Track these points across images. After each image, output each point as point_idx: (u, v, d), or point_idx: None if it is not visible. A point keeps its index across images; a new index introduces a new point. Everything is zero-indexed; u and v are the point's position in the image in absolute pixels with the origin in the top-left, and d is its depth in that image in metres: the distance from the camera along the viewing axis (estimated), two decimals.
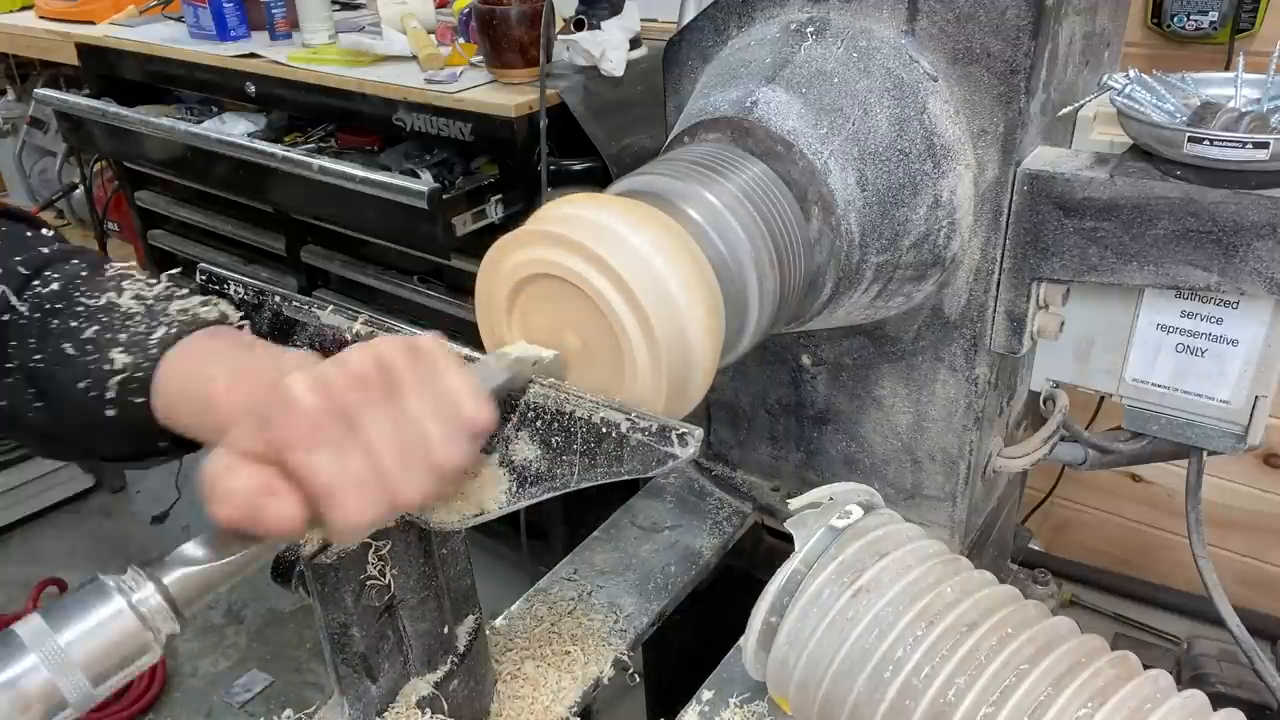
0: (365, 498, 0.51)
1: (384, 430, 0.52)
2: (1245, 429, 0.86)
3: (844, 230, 0.75)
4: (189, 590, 0.49)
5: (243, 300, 0.74)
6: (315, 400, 0.51)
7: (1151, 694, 0.65)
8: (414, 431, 0.53)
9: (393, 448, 0.52)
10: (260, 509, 0.50)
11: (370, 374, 0.53)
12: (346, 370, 0.52)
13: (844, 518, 0.78)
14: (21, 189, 3.03)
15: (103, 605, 0.47)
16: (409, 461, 0.52)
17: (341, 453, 0.51)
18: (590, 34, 1.61)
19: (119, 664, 0.47)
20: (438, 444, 0.53)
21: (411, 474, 0.52)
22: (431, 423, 0.53)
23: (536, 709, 0.83)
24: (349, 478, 0.51)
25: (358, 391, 0.52)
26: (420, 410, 0.53)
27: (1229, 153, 0.70)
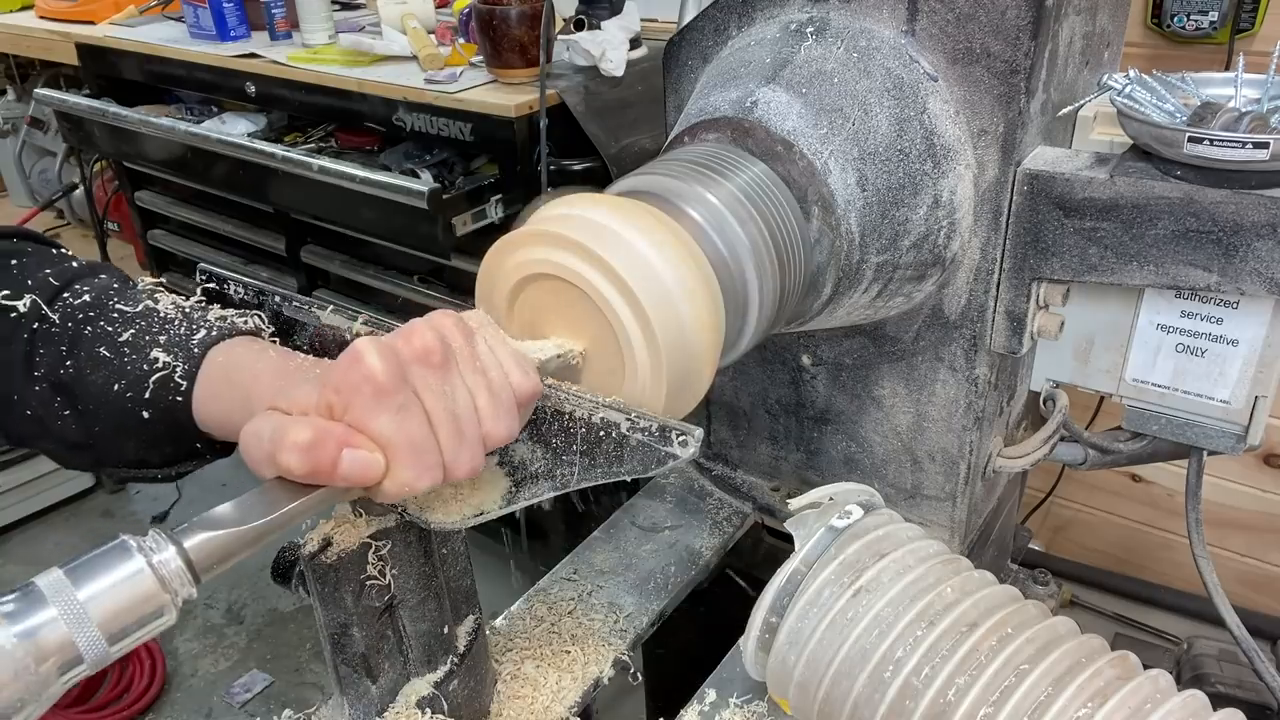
0: (422, 463, 0.53)
1: (443, 403, 0.54)
2: (1245, 429, 0.86)
3: (844, 230, 0.75)
4: (209, 555, 0.50)
5: (243, 300, 0.74)
6: (384, 366, 0.52)
7: (1151, 694, 0.65)
8: (469, 404, 0.55)
9: (449, 419, 0.54)
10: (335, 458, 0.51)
11: (433, 347, 0.54)
12: (410, 342, 0.54)
13: (844, 518, 0.78)
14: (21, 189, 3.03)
15: (123, 564, 0.47)
16: (464, 432, 0.55)
17: (403, 419, 0.53)
18: (590, 34, 1.61)
19: (135, 624, 0.47)
20: (489, 417, 0.56)
21: (465, 446, 0.55)
22: (484, 396, 0.56)
23: (536, 709, 0.83)
24: (409, 442, 0.53)
25: (420, 362, 0.54)
26: (475, 384, 0.56)
27: (1229, 153, 0.70)
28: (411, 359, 0.54)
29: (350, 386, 0.53)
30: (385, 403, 0.52)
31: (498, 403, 0.56)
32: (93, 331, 0.67)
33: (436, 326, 0.56)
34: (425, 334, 0.55)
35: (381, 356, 0.53)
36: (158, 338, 0.66)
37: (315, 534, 0.67)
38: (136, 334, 0.66)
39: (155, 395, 0.64)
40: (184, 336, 0.66)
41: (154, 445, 0.68)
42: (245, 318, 0.70)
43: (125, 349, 0.66)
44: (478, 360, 0.56)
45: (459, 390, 0.55)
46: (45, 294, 0.68)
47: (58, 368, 0.66)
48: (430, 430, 0.54)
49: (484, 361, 0.57)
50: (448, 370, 0.55)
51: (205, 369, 0.64)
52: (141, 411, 0.65)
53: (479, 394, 0.56)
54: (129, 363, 0.65)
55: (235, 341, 0.66)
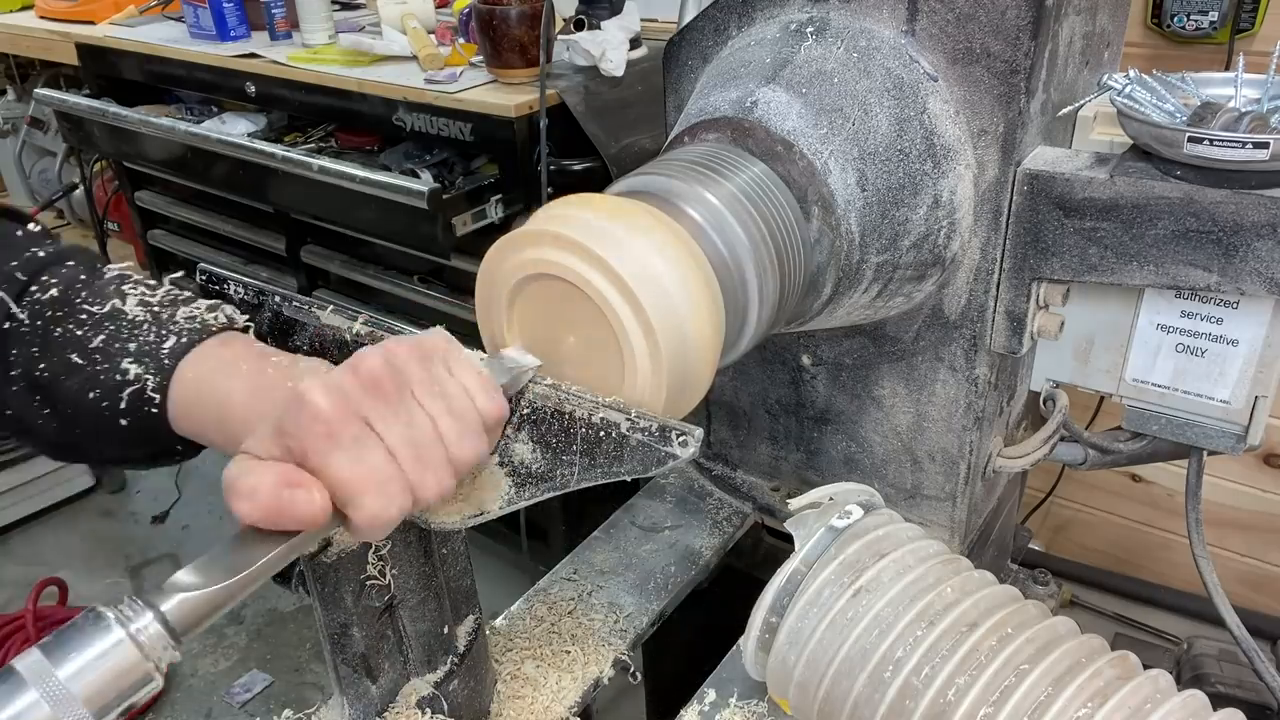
0: (386, 496, 0.53)
1: (400, 430, 0.53)
2: (1245, 429, 0.86)
3: (844, 230, 0.75)
4: (187, 617, 0.49)
5: (243, 300, 0.74)
6: (331, 404, 0.52)
7: (1151, 694, 0.65)
8: (429, 430, 0.54)
9: (409, 447, 0.53)
10: (285, 500, 0.51)
11: (383, 376, 0.54)
12: (359, 374, 0.54)
13: (844, 518, 0.78)
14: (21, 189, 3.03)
15: (101, 637, 0.46)
16: (427, 459, 0.54)
17: (360, 453, 0.52)
18: (590, 34, 1.61)
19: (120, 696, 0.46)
20: (453, 440, 0.55)
21: (430, 471, 0.54)
22: (446, 420, 0.55)
23: (536, 709, 0.83)
24: (369, 477, 0.52)
25: (372, 394, 0.53)
26: (434, 408, 0.55)
27: (1229, 153, 0.70)
28: (360, 391, 0.53)
29: (301, 429, 0.52)
30: (336, 440, 0.52)
31: (462, 424, 0.55)
32: (62, 334, 0.65)
33: (387, 354, 0.55)
34: (373, 363, 0.54)
35: (327, 394, 0.52)
36: (127, 345, 0.64)
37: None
38: (106, 339, 0.65)
39: (130, 405, 0.64)
40: (154, 344, 0.64)
41: (134, 446, 0.67)
42: (216, 312, 0.68)
43: (96, 356, 0.64)
44: (435, 384, 0.55)
45: (417, 415, 0.54)
46: (12, 289, 0.66)
47: (32, 369, 0.65)
48: (390, 459, 0.53)
49: (442, 385, 0.56)
50: (401, 397, 0.54)
51: (177, 383, 0.63)
52: (118, 419, 0.64)
53: (440, 418, 0.55)
54: (101, 371, 0.64)
55: (206, 349, 0.65)
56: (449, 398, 0.55)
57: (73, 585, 2.16)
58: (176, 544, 2.49)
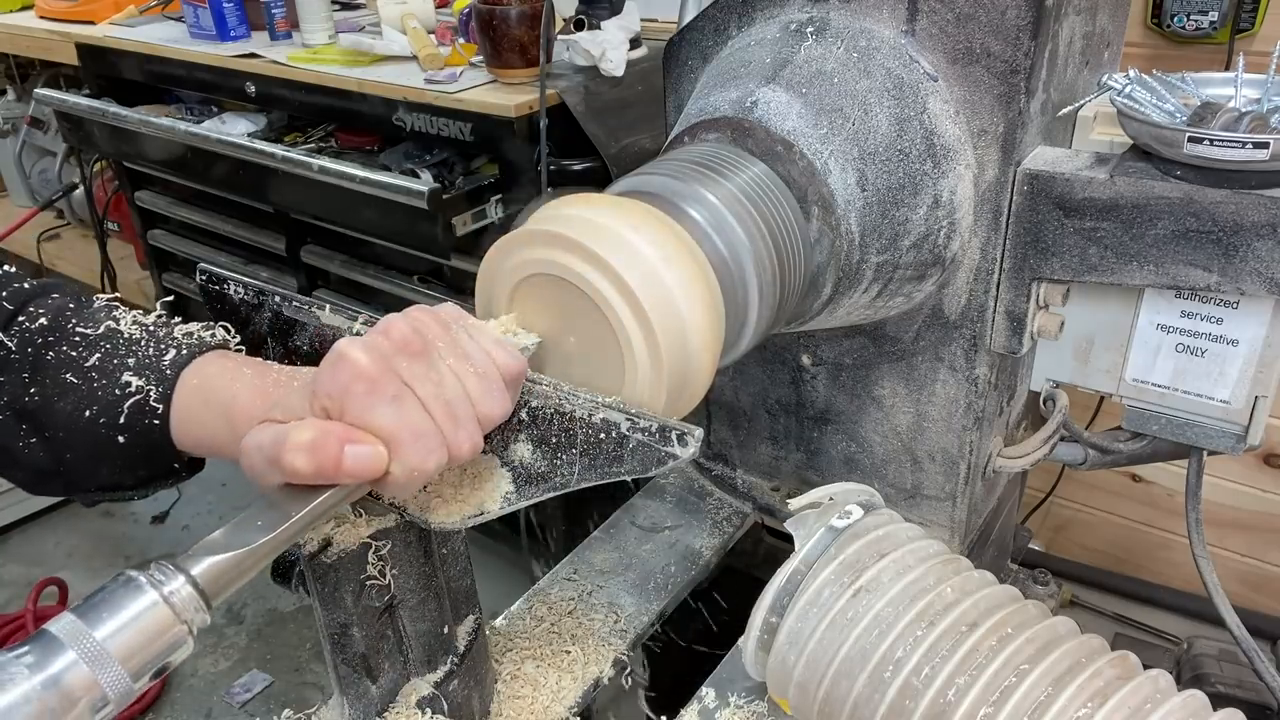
0: (425, 446, 0.54)
1: (432, 388, 0.55)
2: (1245, 429, 0.86)
3: (844, 230, 0.75)
4: (218, 579, 0.50)
5: (243, 300, 0.74)
6: (370, 361, 0.54)
7: (1151, 694, 0.65)
8: (458, 388, 0.56)
9: (442, 402, 0.55)
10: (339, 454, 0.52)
11: (412, 338, 0.56)
12: (391, 336, 0.55)
13: (844, 518, 0.78)
14: (21, 189, 3.03)
15: (135, 599, 0.47)
16: (459, 415, 0.56)
17: (400, 408, 0.54)
18: (590, 34, 1.61)
19: (156, 657, 0.47)
20: (480, 397, 0.57)
21: (461, 427, 0.56)
22: (472, 378, 0.57)
23: (536, 709, 0.83)
24: (410, 429, 0.54)
25: (404, 354, 0.55)
26: (460, 368, 0.57)
27: (1229, 153, 0.70)
28: (394, 350, 0.55)
29: (341, 387, 0.54)
30: (379, 395, 0.54)
31: (487, 383, 0.57)
32: (55, 357, 0.65)
33: (412, 319, 0.57)
34: (402, 326, 0.56)
35: (366, 352, 0.54)
36: (126, 360, 0.65)
37: (315, 534, 0.66)
38: (103, 357, 0.65)
39: (130, 419, 0.63)
40: (154, 357, 0.65)
41: (129, 468, 0.67)
42: (211, 331, 0.69)
43: (93, 374, 0.64)
44: (458, 346, 0.58)
45: (446, 375, 0.56)
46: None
47: (21, 396, 0.65)
48: (427, 415, 0.55)
49: (465, 347, 0.58)
50: (430, 358, 0.56)
51: (180, 390, 0.64)
52: (117, 436, 0.64)
53: (466, 378, 0.57)
54: (99, 388, 0.64)
55: (206, 359, 0.66)
56: (472, 358, 0.58)
57: (73, 585, 2.16)
58: (176, 544, 2.49)
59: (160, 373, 0.64)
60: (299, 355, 0.73)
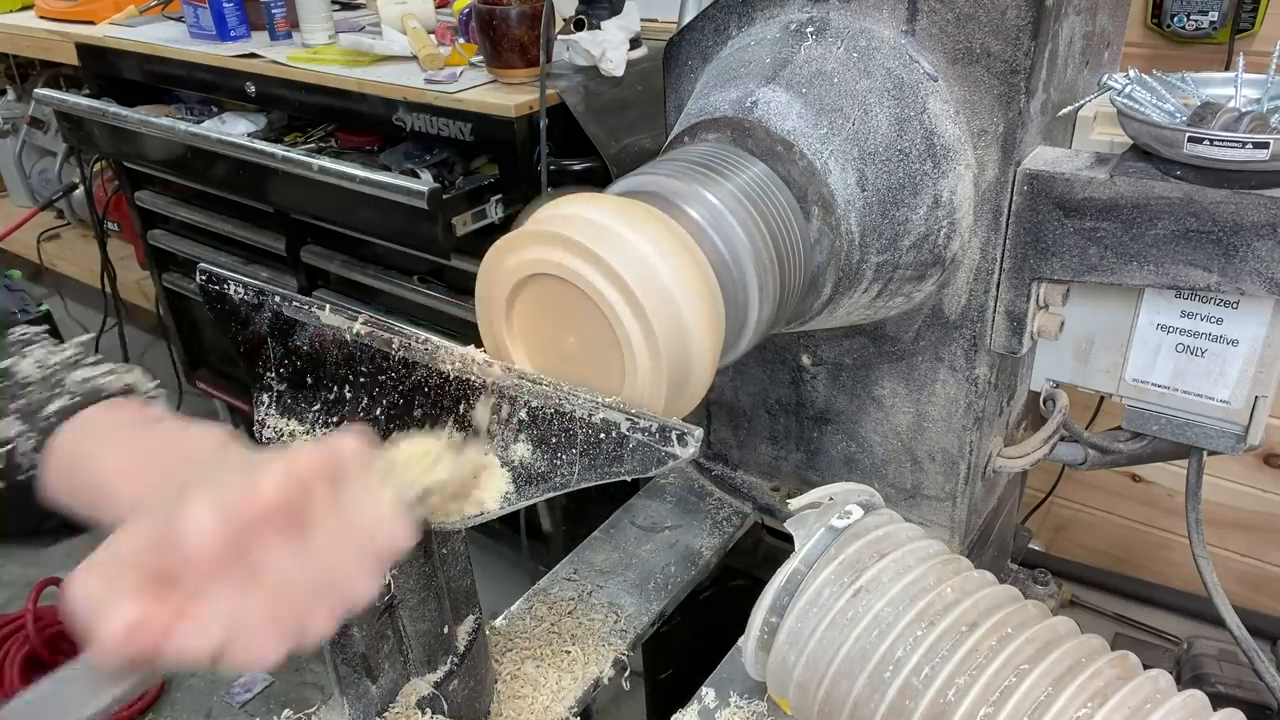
0: (269, 639, 0.47)
1: (293, 569, 0.48)
2: (1245, 429, 0.86)
3: (844, 230, 0.75)
4: None
5: (243, 300, 0.74)
6: (218, 540, 0.46)
7: (1151, 694, 0.65)
8: (326, 567, 0.49)
9: (302, 586, 0.48)
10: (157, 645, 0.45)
11: (284, 506, 0.48)
12: (256, 501, 0.47)
13: (844, 518, 0.78)
14: (21, 189, 3.03)
15: None
16: (318, 598, 0.49)
17: (245, 592, 0.46)
18: (590, 34, 1.61)
19: None
20: (352, 577, 0.50)
21: (321, 609, 0.49)
22: (346, 556, 0.49)
23: (536, 709, 0.83)
24: (253, 619, 0.47)
25: (269, 526, 0.47)
26: (334, 541, 0.49)
27: (1229, 153, 0.70)
28: (258, 519, 0.47)
29: (180, 558, 0.46)
30: (220, 578, 0.46)
31: (363, 564, 0.50)
32: None
33: (292, 474, 0.48)
34: (274, 487, 0.47)
35: (216, 527, 0.45)
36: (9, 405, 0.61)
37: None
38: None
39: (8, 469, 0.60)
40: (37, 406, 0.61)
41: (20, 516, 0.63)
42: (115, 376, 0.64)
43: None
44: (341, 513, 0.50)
45: (316, 550, 0.48)
46: None
47: None
48: (278, 601, 0.47)
49: (349, 514, 0.50)
50: (302, 526, 0.48)
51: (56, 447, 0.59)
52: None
53: (342, 554, 0.49)
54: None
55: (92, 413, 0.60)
56: (351, 527, 0.50)
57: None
58: None
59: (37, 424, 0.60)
60: (299, 355, 0.73)
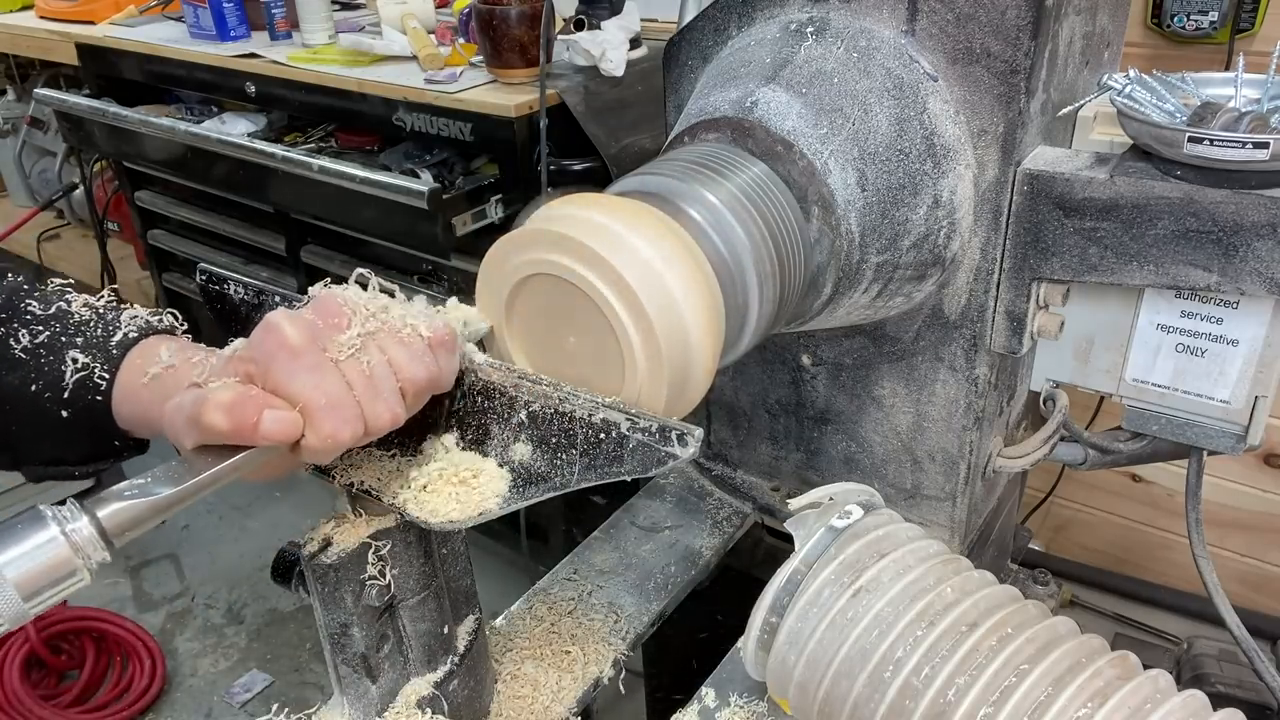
0: (340, 417, 0.56)
1: (354, 360, 0.58)
2: (1245, 429, 0.86)
3: (844, 230, 0.75)
4: (122, 523, 0.53)
5: (243, 300, 0.74)
6: (296, 331, 0.57)
7: (1151, 694, 0.65)
8: (380, 359, 0.58)
9: (363, 373, 0.57)
10: (256, 416, 0.54)
11: (338, 313, 0.59)
12: (318, 311, 0.59)
13: (844, 518, 0.78)
14: (21, 189, 3.03)
15: (39, 531, 0.51)
16: (379, 385, 0.58)
17: (320, 378, 0.56)
18: (590, 34, 1.61)
19: (49, 585, 0.51)
20: (404, 365, 0.59)
21: (381, 397, 0.58)
22: (396, 348, 0.59)
23: (536, 709, 0.83)
24: (327, 399, 0.56)
25: (330, 327, 0.58)
26: (385, 340, 0.59)
27: (1229, 153, 0.70)
28: (320, 324, 0.58)
29: (266, 354, 0.56)
30: (300, 364, 0.56)
31: (409, 350, 0.59)
32: (5, 333, 0.68)
33: (341, 296, 0.61)
34: (330, 302, 0.60)
35: (293, 323, 0.57)
36: (74, 339, 0.68)
37: (315, 534, 0.67)
38: (52, 336, 0.68)
39: (74, 395, 0.66)
40: (101, 338, 0.68)
41: (71, 444, 0.69)
42: (160, 316, 0.71)
43: (41, 350, 0.67)
44: (384, 319, 0.60)
45: (369, 348, 0.58)
46: None
47: None
48: (345, 386, 0.57)
49: (389, 320, 0.60)
50: (355, 331, 0.59)
51: (124, 368, 0.67)
52: (60, 411, 0.67)
53: (389, 348, 0.59)
54: (46, 364, 0.67)
55: (151, 341, 0.68)
56: (395, 330, 0.60)
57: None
58: (176, 544, 2.49)
59: (107, 351, 0.67)
60: None
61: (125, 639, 2.10)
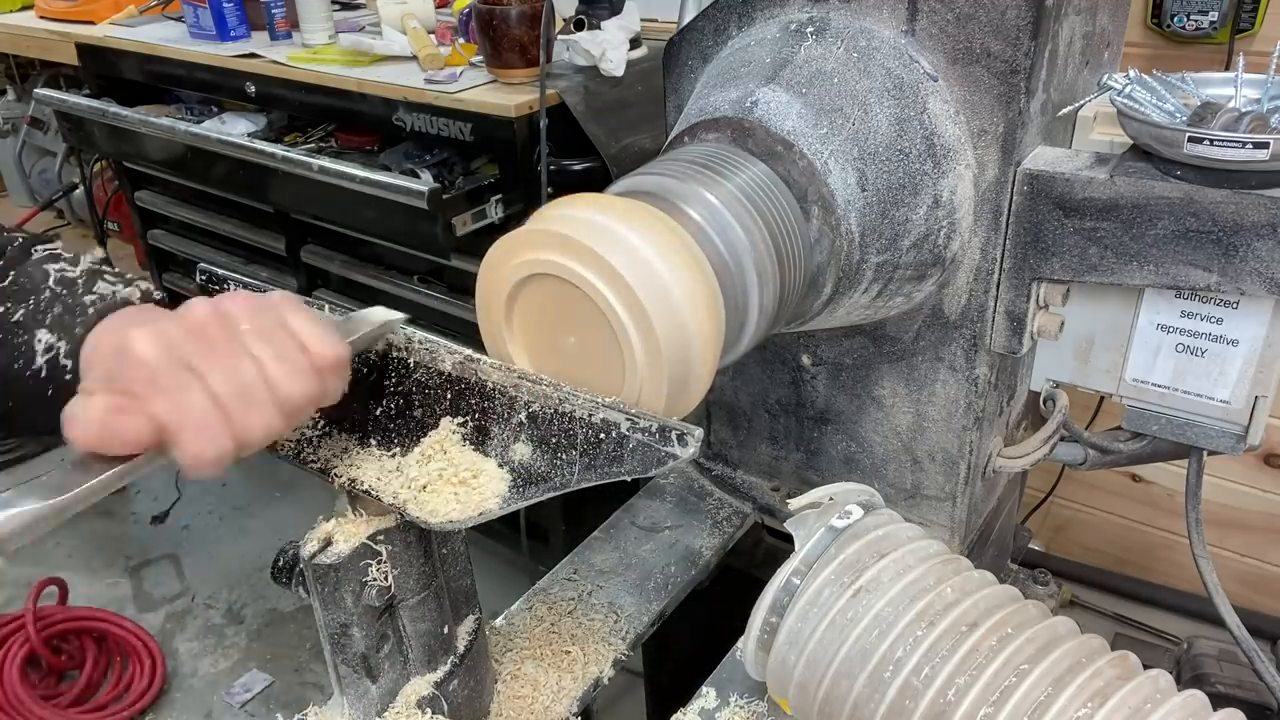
0: (206, 436, 0.56)
1: (222, 375, 0.56)
2: (1245, 429, 0.86)
3: (844, 230, 0.75)
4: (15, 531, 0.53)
5: None
6: (154, 351, 0.55)
7: (1151, 694, 0.65)
8: (254, 373, 0.57)
9: (233, 389, 0.56)
10: (111, 425, 0.54)
11: (209, 322, 0.57)
12: (185, 322, 0.57)
13: (844, 518, 0.78)
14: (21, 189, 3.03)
15: None
16: (250, 401, 0.56)
17: (180, 397, 0.55)
18: (590, 34, 1.61)
19: None
20: (280, 381, 0.57)
21: (254, 412, 0.57)
22: (273, 363, 0.57)
23: (536, 709, 0.83)
24: (189, 418, 0.55)
25: (196, 340, 0.56)
26: (262, 352, 0.57)
27: (1229, 153, 0.70)
28: (185, 337, 0.56)
29: (124, 375, 0.56)
30: (158, 384, 0.55)
31: (289, 366, 0.58)
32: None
33: (216, 304, 0.59)
34: (200, 311, 0.58)
35: (150, 341, 0.56)
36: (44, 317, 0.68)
37: (315, 534, 0.67)
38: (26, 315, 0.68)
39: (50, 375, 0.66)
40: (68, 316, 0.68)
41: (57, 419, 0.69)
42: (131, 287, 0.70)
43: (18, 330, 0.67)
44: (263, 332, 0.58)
45: (242, 361, 0.57)
46: None
47: None
48: (211, 402, 0.56)
49: (271, 332, 0.58)
50: (229, 343, 0.57)
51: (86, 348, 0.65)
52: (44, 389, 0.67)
53: (266, 362, 0.57)
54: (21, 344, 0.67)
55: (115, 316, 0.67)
56: (276, 343, 0.58)
57: (73, 585, 2.15)
58: (176, 544, 2.49)
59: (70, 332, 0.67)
60: None
61: (125, 639, 2.10)
